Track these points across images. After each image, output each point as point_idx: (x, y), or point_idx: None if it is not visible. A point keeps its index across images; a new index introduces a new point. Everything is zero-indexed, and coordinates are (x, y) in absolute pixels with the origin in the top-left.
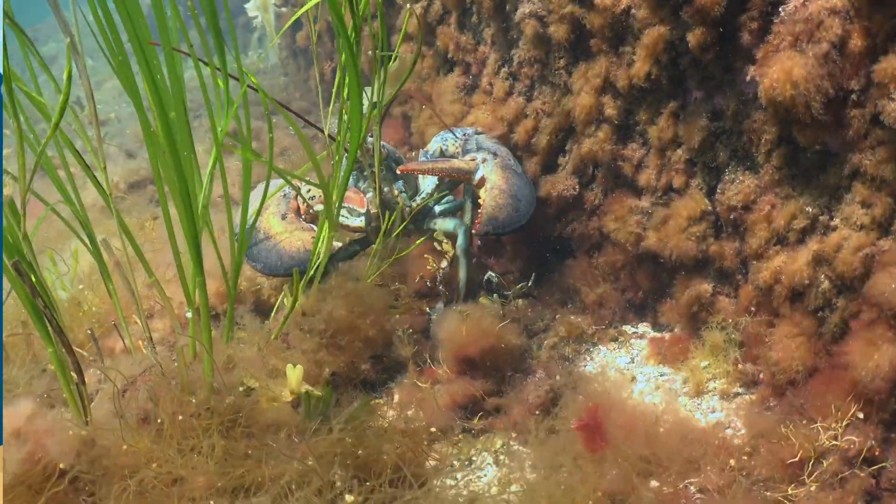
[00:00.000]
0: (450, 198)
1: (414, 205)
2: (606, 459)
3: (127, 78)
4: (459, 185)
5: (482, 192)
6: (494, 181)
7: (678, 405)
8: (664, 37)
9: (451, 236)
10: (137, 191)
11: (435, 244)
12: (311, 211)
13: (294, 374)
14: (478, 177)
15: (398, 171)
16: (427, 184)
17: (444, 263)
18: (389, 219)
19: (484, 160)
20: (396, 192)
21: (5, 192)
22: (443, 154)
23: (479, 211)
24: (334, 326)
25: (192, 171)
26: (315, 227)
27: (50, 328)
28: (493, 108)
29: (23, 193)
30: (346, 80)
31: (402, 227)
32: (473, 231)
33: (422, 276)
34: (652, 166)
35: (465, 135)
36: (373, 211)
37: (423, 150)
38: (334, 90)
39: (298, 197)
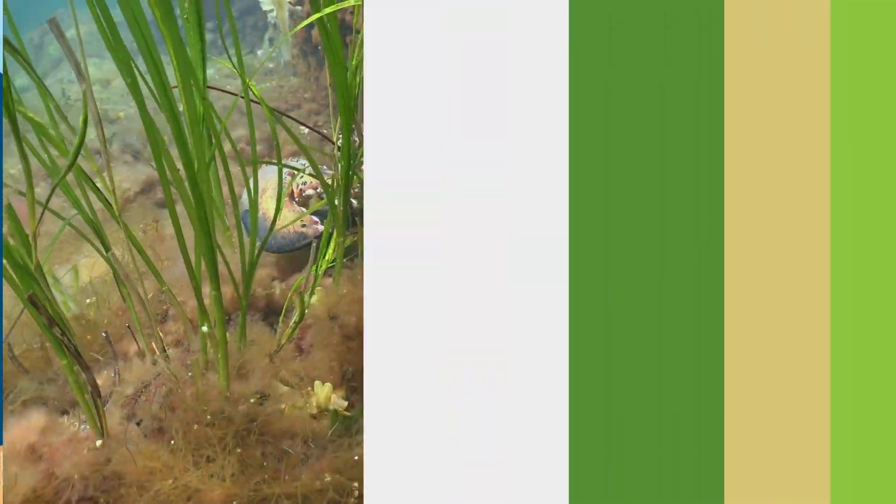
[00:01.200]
0: None
1: None
2: None
3: (136, 95)
4: None
5: None
6: None
7: None
8: None
9: None
10: (144, 194)
11: None
12: (302, 195)
13: (323, 390)
14: None
15: None
16: None
17: None
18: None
19: None
20: None
21: (6, 227)
22: None
23: None
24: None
25: (209, 192)
26: (305, 210)
27: (67, 353)
28: None
29: (33, 228)
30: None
31: None
32: None
33: None
34: None
35: None
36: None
37: None
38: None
39: (293, 182)
